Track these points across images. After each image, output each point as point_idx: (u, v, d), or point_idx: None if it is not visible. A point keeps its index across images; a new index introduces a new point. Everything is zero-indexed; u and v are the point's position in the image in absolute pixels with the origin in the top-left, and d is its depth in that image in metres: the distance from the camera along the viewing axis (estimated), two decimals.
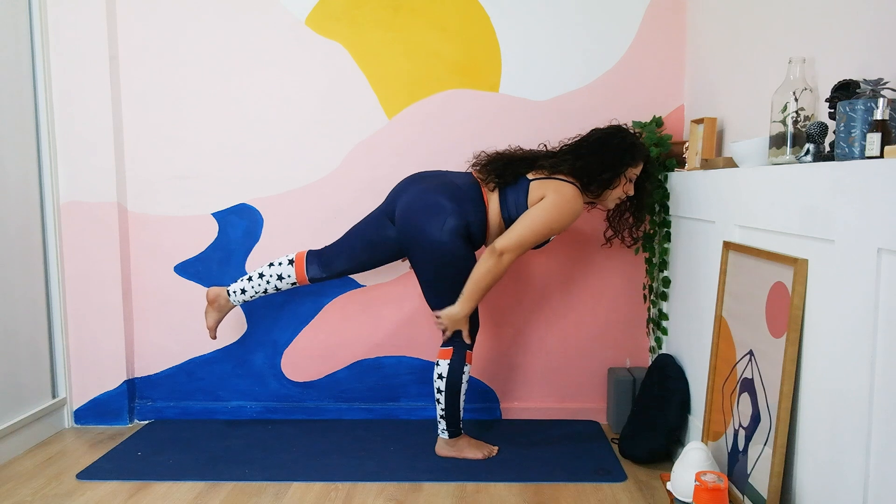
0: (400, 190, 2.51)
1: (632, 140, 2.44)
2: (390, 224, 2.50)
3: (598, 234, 2.80)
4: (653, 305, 2.80)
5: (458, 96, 2.85)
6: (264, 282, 2.58)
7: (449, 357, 2.46)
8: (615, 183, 2.43)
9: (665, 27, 2.80)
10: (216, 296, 2.64)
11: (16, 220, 2.65)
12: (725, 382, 2.02)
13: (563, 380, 2.95)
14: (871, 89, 1.45)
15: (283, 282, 2.58)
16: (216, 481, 2.37)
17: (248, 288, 2.60)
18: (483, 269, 2.33)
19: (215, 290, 2.65)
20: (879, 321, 1.34)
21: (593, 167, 2.40)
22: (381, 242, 2.52)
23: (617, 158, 2.40)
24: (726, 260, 2.06)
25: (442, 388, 2.47)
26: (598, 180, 2.41)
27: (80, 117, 2.81)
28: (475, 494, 2.27)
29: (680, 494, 1.96)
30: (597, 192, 2.44)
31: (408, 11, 2.82)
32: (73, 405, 2.93)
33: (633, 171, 2.44)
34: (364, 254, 2.55)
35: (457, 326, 2.41)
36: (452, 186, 2.43)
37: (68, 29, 2.77)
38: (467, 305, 2.37)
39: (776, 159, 1.77)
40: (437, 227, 2.36)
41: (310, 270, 2.56)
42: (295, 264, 2.57)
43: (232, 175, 2.90)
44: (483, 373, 2.95)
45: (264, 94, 2.87)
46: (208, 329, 2.69)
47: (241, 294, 2.61)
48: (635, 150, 2.42)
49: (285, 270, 2.57)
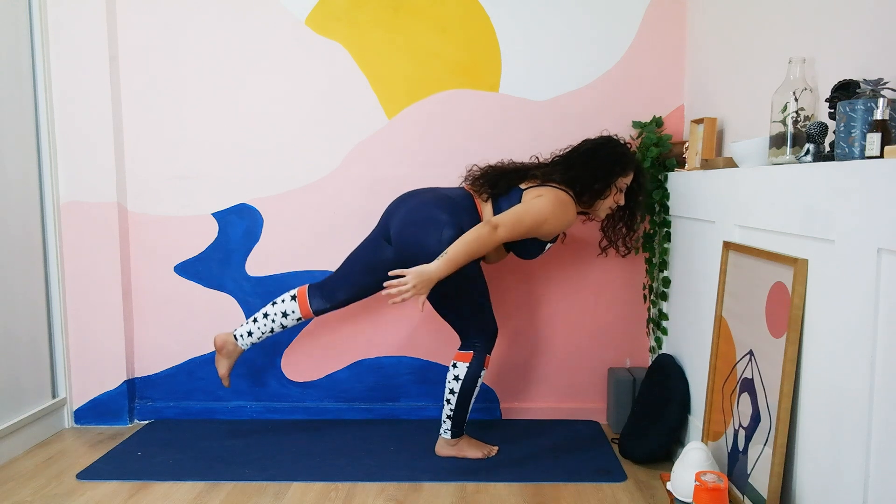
0: (393, 209, 2.51)
1: (621, 150, 2.45)
2: (387, 245, 2.50)
3: (596, 236, 2.80)
4: (653, 305, 2.80)
5: (458, 96, 2.85)
6: (269, 321, 2.56)
7: (469, 360, 2.46)
8: (606, 193, 2.43)
9: (665, 27, 2.80)
10: (223, 342, 2.61)
11: (16, 220, 2.65)
12: (725, 382, 2.02)
13: (563, 380, 2.95)
14: (871, 89, 1.45)
15: (288, 318, 2.56)
16: (216, 481, 2.37)
17: (255, 329, 2.58)
18: (474, 235, 2.23)
19: (222, 336, 2.62)
20: (879, 321, 1.34)
21: (584, 177, 2.41)
22: (379, 265, 2.51)
23: (607, 168, 2.41)
24: (726, 260, 2.06)
25: (456, 390, 2.46)
26: (589, 190, 2.42)
27: (80, 117, 2.81)
28: (475, 494, 2.27)
29: (680, 494, 1.96)
30: (588, 202, 2.45)
31: (408, 11, 2.82)
32: (73, 405, 2.93)
33: (623, 180, 2.45)
34: (364, 279, 2.54)
35: (421, 289, 2.15)
36: (445, 199, 2.43)
37: (68, 29, 2.77)
38: (444, 267, 2.18)
39: (776, 159, 1.77)
40: (436, 239, 2.35)
41: (313, 303, 2.55)
42: (298, 299, 2.55)
43: (232, 175, 2.90)
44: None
45: (264, 93, 2.87)
46: (221, 378, 2.66)
47: (248, 337, 2.59)
48: (625, 161, 2.44)
49: (289, 307, 2.55)
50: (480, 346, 2.47)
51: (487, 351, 2.48)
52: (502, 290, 2.91)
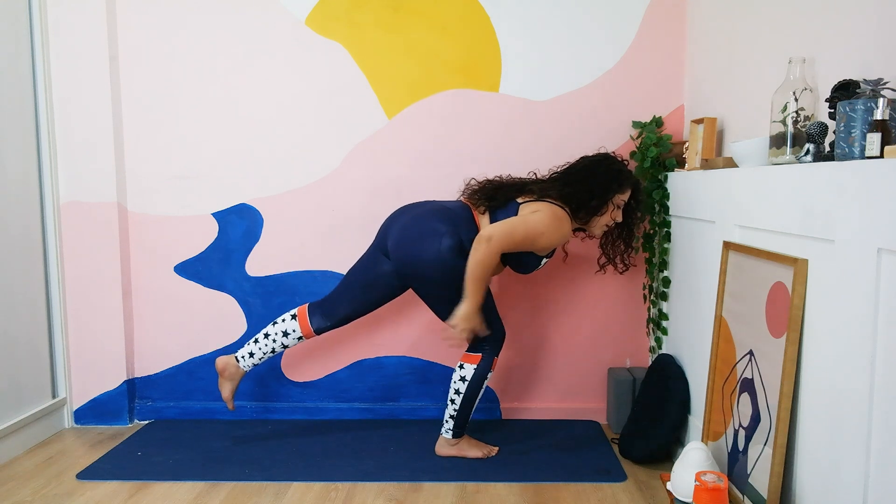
0: (390, 223, 2.50)
1: (618, 167, 2.46)
2: (385, 259, 2.49)
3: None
4: (653, 305, 2.80)
5: (458, 96, 2.85)
6: (270, 341, 2.56)
7: (476, 363, 2.46)
8: (602, 210, 2.44)
9: (665, 27, 2.80)
10: (225, 364, 2.59)
11: (16, 220, 2.65)
12: (725, 382, 2.02)
13: (563, 380, 2.95)
14: (871, 89, 1.45)
15: (289, 338, 2.56)
16: (216, 481, 2.37)
17: (256, 350, 2.57)
18: (475, 259, 2.27)
19: (223, 359, 2.60)
20: (879, 321, 1.34)
21: (581, 194, 2.41)
22: (379, 280, 2.50)
23: (604, 186, 2.42)
24: (726, 260, 2.06)
25: (462, 391, 2.47)
26: (586, 207, 2.42)
27: (79, 117, 2.81)
28: (475, 494, 2.27)
29: (680, 494, 1.96)
30: (585, 218, 2.45)
31: (408, 11, 2.82)
32: (73, 405, 2.93)
33: (620, 197, 2.45)
34: (364, 295, 2.53)
35: (473, 323, 2.31)
36: (443, 210, 2.43)
37: (68, 29, 2.77)
38: (473, 299, 2.29)
39: (776, 159, 1.77)
40: (434, 249, 2.35)
41: (314, 322, 2.54)
42: (298, 319, 2.55)
43: (232, 175, 2.90)
44: None
45: (264, 94, 2.87)
46: (225, 401, 2.65)
47: (249, 358, 2.57)
48: (622, 178, 2.44)
49: (289, 326, 2.55)
50: (489, 348, 2.47)
51: (495, 353, 2.49)
52: (502, 290, 2.91)
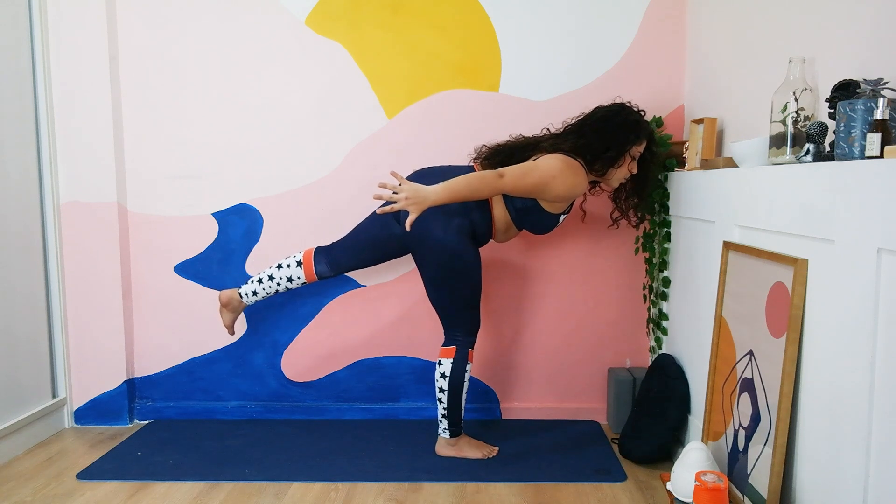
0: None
1: (635, 118, 2.40)
2: (395, 223, 2.50)
3: (597, 233, 2.80)
4: (653, 305, 2.80)
5: (458, 96, 2.85)
6: (275, 283, 2.59)
7: (452, 356, 2.46)
8: (619, 161, 2.38)
9: (665, 27, 2.80)
10: (229, 298, 2.64)
11: (16, 220, 2.65)
12: (725, 382, 2.02)
13: (563, 380, 2.95)
14: (871, 89, 1.45)
15: (293, 283, 2.59)
16: (216, 481, 2.37)
17: (259, 290, 2.61)
18: (479, 175, 2.18)
19: (227, 292, 2.65)
20: (879, 321, 1.34)
21: (596, 145, 2.36)
22: (386, 240, 2.52)
23: (621, 136, 2.36)
24: (726, 260, 2.06)
25: (445, 388, 2.47)
26: (602, 158, 2.36)
27: (80, 117, 2.81)
28: (475, 494, 2.27)
29: (680, 494, 1.96)
30: (601, 170, 2.39)
31: (408, 11, 2.82)
32: (73, 405, 2.93)
33: (636, 148, 2.40)
34: (370, 251, 2.55)
35: (411, 204, 2.10)
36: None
37: (68, 29, 2.77)
38: (442, 193, 2.12)
39: (776, 159, 1.77)
40: (442, 227, 2.36)
41: (318, 268, 2.57)
42: (303, 265, 2.57)
43: (232, 175, 2.90)
44: (483, 373, 2.95)
45: (264, 93, 2.87)
46: (226, 327, 2.69)
47: (252, 296, 2.62)
48: (639, 128, 2.38)
49: (294, 273, 2.57)
50: (462, 339, 2.46)
51: (469, 345, 2.47)
52: (503, 289, 2.91)
